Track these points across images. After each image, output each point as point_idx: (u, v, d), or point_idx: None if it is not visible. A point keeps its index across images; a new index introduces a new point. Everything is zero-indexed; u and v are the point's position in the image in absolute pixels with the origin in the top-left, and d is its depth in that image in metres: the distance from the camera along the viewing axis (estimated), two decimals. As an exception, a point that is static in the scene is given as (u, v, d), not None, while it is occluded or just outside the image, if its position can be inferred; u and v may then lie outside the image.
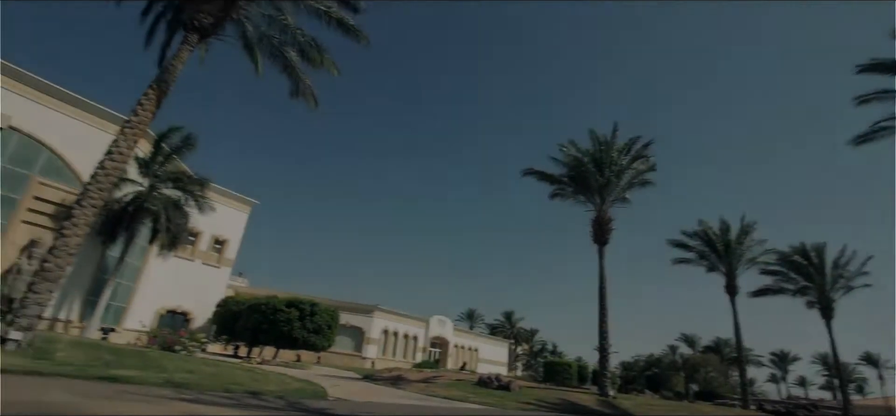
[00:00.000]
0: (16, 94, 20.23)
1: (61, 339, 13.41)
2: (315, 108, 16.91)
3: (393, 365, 36.41)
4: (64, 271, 11.08)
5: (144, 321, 26.18)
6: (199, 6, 13.28)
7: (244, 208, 34.16)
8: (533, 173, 26.83)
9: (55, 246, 11.03)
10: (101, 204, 11.92)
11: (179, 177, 23.82)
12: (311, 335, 26.56)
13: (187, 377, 11.50)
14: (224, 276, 32.17)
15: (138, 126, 12.33)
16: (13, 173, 19.95)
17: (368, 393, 16.30)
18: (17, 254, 19.14)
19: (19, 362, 8.79)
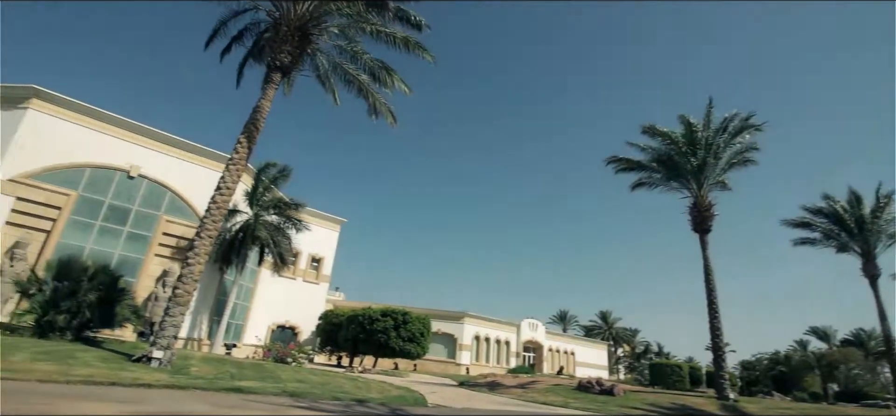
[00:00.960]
0: (142, 146, 23.63)
1: (194, 356, 15.07)
2: (394, 125, 17.46)
3: (487, 371, 36.17)
4: (191, 295, 12.43)
5: (259, 336, 28.89)
6: (280, 46, 14.31)
7: (335, 226, 36.36)
8: (616, 162, 25.03)
9: (183, 274, 12.41)
10: (215, 234, 13.24)
11: (278, 204, 25.99)
12: (406, 344, 27.38)
13: (299, 386, 12.23)
14: (323, 291, 34.49)
15: (239, 162, 13.58)
16: (145, 215, 23.19)
17: (466, 399, 16.18)
18: (153, 283, 22.15)
19: (162, 377, 9.95)
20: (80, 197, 21.47)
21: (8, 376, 7.75)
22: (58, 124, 21.60)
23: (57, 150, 21.27)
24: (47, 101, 21.51)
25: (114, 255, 21.21)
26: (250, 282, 28.29)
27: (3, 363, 8.40)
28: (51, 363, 9.00)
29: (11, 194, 19.87)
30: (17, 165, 20.20)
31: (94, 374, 8.87)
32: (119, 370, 9.68)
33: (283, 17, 14.56)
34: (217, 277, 25.34)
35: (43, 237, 20.17)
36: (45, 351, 10.01)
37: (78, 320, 12.97)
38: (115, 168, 22.65)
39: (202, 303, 24.02)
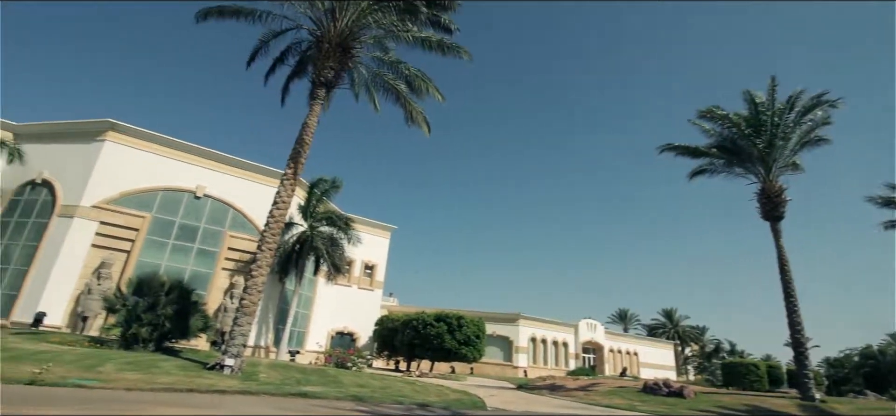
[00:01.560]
0: (206, 168, 25.25)
1: (261, 362, 15.75)
2: (429, 134, 17.62)
3: (545, 373, 35.38)
4: (256, 305, 13.00)
5: (320, 342, 29.92)
6: (323, 63, 14.74)
7: (385, 233, 37.05)
8: (672, 149, 23.64)
9: (248, 286, 13.01)
10: (275, 247, 13.79)
11: (331, 216, 26.84)
12: (461, 347, 27.36)
13: (361, 390, 12.43)
14: (377, 297, 35.20)
15: (292, 178, 14.09)
16: (211, 231, 24.68)
17: (526, 403, 15.82)
18: (221, 296, 23.50)
19: (234, 383, 10.43)
20: (155, 218, 23.20)
21: (100, 385, 8.40)
22: (131, 153, 23.51)
23: (132, 176, 23.15)
24: (121, 132, 23.49)
25: (186, 270, 22.72)
26: (309, 291, 29.36)
27: (95, 373, 9.12)
28: (136, 372, 9.68)
29: (96, 219, 21.81)
30: (98, 193, 22.16)
31: (175, 382, 9.44)
32: (196, 377, 10.24)
33: (325, 34, 14.92)
34: (278, 287, 26.49)
35: (124, 257, 21.95)
36: (130, 361, 10.80)
37: (158, 332, 13.94)
38: (183, 190, 24.33)
39: (266, 312, 25.21)
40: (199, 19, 14.92)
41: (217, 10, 14.78)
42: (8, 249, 21.58)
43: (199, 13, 14.80)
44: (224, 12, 14.84)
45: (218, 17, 14.91)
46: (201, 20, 14.93)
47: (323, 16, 15.01)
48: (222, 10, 14.80)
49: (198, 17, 14.89)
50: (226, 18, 15.01)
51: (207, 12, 14.77)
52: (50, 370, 8.43)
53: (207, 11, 14.76)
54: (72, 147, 23.32)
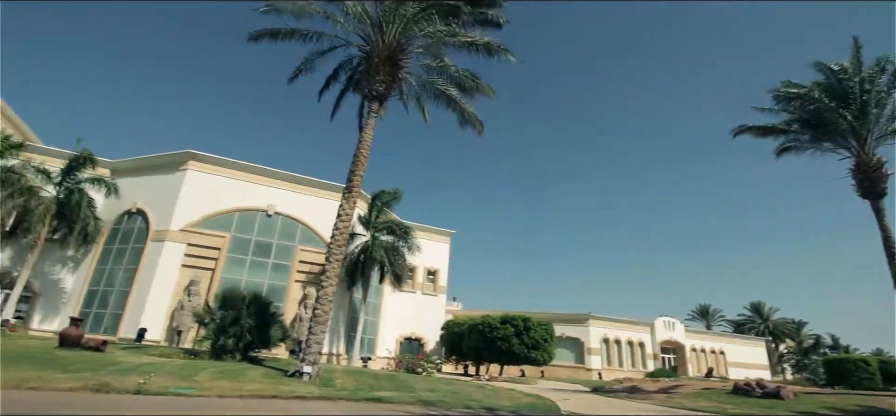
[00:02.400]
0: (275, 188, 26.88)
1: (336, 369, 16.34)
2: (482, 132, 17.41)
3: (622, 376, 33.69)
4: (328, 314, 13.47)
5: (390, 349, 30.64)
6: (374, 77, 15.06)
7: (444, 238, 37.27)
8: (748, 131, 21.70)
9: (319, 296, 13.53)
10: (341, 258, 14.26)
11: (390, 225, 27.46)
12: (530, 351, 26.83)
13: (432, 395, 12.47)
14: (441, 302, 35.43)
15: (353, 191, 14.48)
16: (283, 246, 26.15)
17: (603, 406, 15.09)
18: (296, 306, 24.78)
19: (313, 389, 10.85)
20: (233, 237, 25.00)
21: (196, 393, 9.07)
22: (209, 178, 25.55)
23: (212, 200, 25.12)
24: (200, 160, 25.62)
25: (263, 284, 24.23)
26: (376, 299, 30.19)
27: (191, 382, 9.86)
28: (226, 380, 10.36)
29: (183, 242, 23.88)
30: (184, 217, 24.26)
31: (260, 389, 9.99)
32: (278, 384, 10.78)
33: (374, 49, 15.19)
34: (347, 296, 27.48)
35: (210, 274, 23.83)
36: (220, 370, 11.60)
37: (243, 343, 14.90)
38: (256, 209, 26.04)
39: (337, 321, 26.23)
40: (252, 39, 15.44)
41: (270, 32, 15.35)
42: (112, 273, 24.18)
43: (253, 34, 15.34)
44: (277, 34, 15.37)
45: (270, 39, 15.44)
46: (254, 41, 15.46)
47: (371, 31, 15.27)
48: (275, 32, 15.35)
49: (251, 37, 15.42)
50: (279, 40, 15.47)
51: (261, 34, 15.35)
52: (152, 380, 9.23)
53: (261, 33, 15.34)
54: (159, 178, 25.76)
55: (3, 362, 9.62)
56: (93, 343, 14.18)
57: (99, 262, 24.70)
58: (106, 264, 24.58)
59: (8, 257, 23.66)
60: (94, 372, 9.53)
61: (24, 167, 22.12)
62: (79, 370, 9.66)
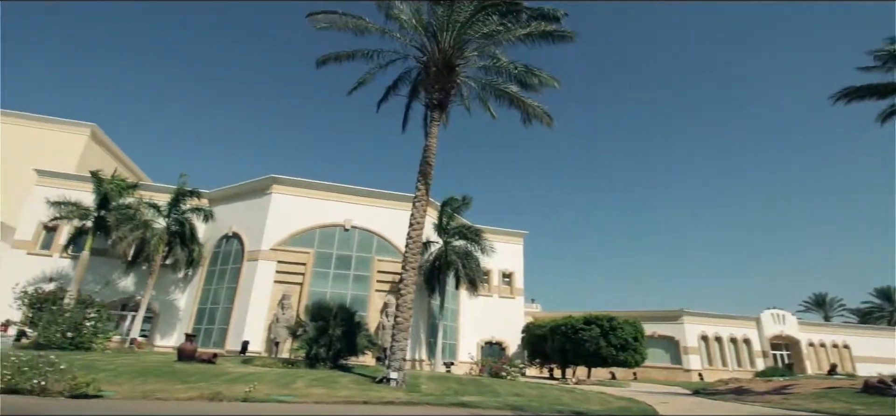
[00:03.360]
0: (350, 203, 28.16)
1: (421, 375, 16.58)
2: (551, 125, 16.76)
3: (727, 376, 30.72)
4: (409, 321, 13.72)
5: (472, 353, 30.64)
6: (433, 85, 15.28)
7: (517, 239, 36.60)
8: (850, 95, 18.91)
9: (399, 304, 13.85)
10: (417, 265, 14.44)
11: (463, 231, 27.51)
12: (618, 351, 25.43)
13: (518, 399, 12.14)
14: (519, 305, 34.76)
15: (422, 199, 14.67)
16: (362, 258, 27.26)
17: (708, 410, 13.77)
18: (378, 315, 25.62)
19: (400, 395, 11.05)
20: (316, 253, 26.54)
21: (295, 399, 9.62)
22: (292, 200, 27.38)
23: (295, 219, 26.88)
24: (283, 184, 27.59)
25: (347, 295, 25.38)
26: (453, 304, 30.39)
27: (290, 389, 10.48)
28: (320, 387, 10.89)
29: (274, 260, 25.78)
30: (273, 237, 26.20)
31: (352, 395, 10.36)
32: (368, 390, 11.13)
33: (430, 57, 15.35)
34: (425, 302, 27.95)
35: (299, 288, 25.46)
36: (315, 378, 12.23)
37: (332, 351, 15.68)
38: (334, 225, 27.46)
39: (418, 327, 26.75)
40: (320, 65, 16.28)
41: (335, 56, 16.14)
42: (216, 292, 26.74)
43: (320, 60, 16.17)
44: (340, 56, 16.12)
45: (335, 62, 16.22)
46: (321, 66, 16.30)
47: (426, 41, 15.44)
48: (339, 55, 16.10)
49: (318, 63, 16.26)
50: (342, 61, 16.20)
51: (326, 58, 16.14)
52: (257, 388, 9.95)
53: (326, 58, 16.14)
54: (248, 203, 28.13)
55: (133, 375, 10.92)
56: (205, 356, 15.65)
57: (205, 282, 27.47)
58: (211, 284, 27.26)
59: (132, 282, 27.12)
60: (208, 382, 10.47)
61: (139, 203, 25.23)
62: (195, 380, 10.67)
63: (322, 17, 15.24)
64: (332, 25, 15.33)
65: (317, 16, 15.25)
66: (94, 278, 25.35)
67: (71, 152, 33.91)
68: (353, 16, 15.14)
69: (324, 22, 15.32)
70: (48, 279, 25.17)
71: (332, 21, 15.26)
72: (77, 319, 16.76)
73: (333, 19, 15.22)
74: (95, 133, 35.97)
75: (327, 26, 15.39)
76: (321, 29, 15.41)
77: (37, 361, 8.54)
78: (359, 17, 15.17)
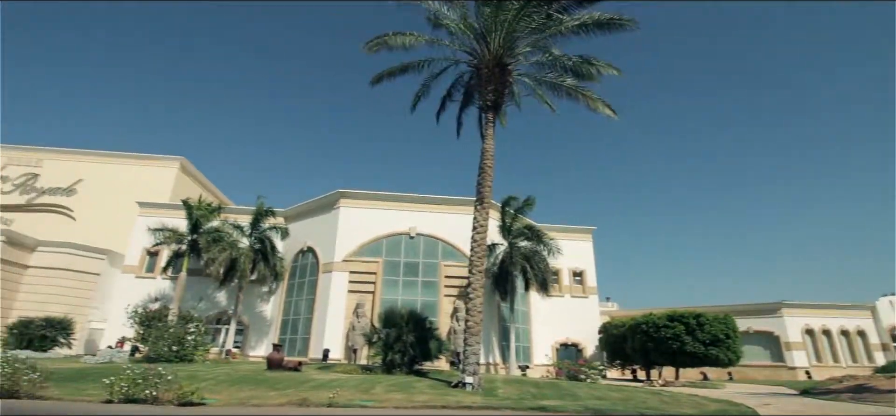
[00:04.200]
0: (413, 211, 28.72)
1: (496, 378, 16.39)
2: (615, 116, 15.92)
3: (841, 373, 27.27)
4: (480, 325, 13.61)
5: (547, 355, 29.88)
6: (485, 88, 15.21)
7: (586, 236, 35.19)
8: None
9: (468, 308, 13.81)
10: (483, 269, 14.33)
11: (527, 231, 26.96)
12: (708, 349, 23.52)
13: (600, 403, 11.59)
14: (593, 304, 33.32)
15: (484, 201, 14.61)
16: (429, 264, 27.63)
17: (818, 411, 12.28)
18: (448, 319, 25.76)
19: (477, 399, 10.95)
20: (385, 261, 27.29)
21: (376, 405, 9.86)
22: (359, 212, 28.43)
23: (363, 230, 27.87)
24: (349, 197, 28.75)
25: (417, 301, 25.79)
26: (524, 306, 29.83)
27: (370, 395, 10.77)
28: (398, 392, 11.10)
29: (346, 270, 26.87)
30: (344, 249, 27.33)
31: (429, 400, 10.44)
32: (445, 394, 11.15)
33: (481, 60, 15.35)
34: (495, 306, 27.70)
35: (371, 297, 26.32)
36: (392, 383, 12.50)
37: (407, 357, 15.96)
38: (400, 233, 28.11)
39: (489, 331, 26.53)
40: (373, 83, 16.84)
41: (388, 72, 16.60)
42: (297, 303, 28.36)
43: (374, 78, 16.71)
44: (393, 72, 16.60)
45: (388, 78, 16.72)
46: (375, 84, 16.85)
47: (476, 44, 15.48)
48: (391, 71, 16.56)
49: (372, 82, 16.81)
50: (395, 77, 16.68)
51: (380, 76, 16.65)
52: (340, 394, 10.33)
53: (380, 75, 16.64)
54: (319, 218, 29.61)
55: (231, 383, 11.80)
56: (291, 364, 16.60)
57: (286, 295, 29.26)
58: (291, 296, 28.99)
59: (224, 298, 29.54)
60: (296, 389, 11.06)
61: (224, 226, 27.57)
62: (284, 387, 11.32)
63: (374, 42, 15.75)
64: (383, 47, 15.79)
65: (371, 43, 15.77)
66: (192, 296, 27.97)
67: (164, 184, 38.01)
68: (402, 34, 15.50)
69: (376, 46, 15.82)
70: (153, 299, 28.12)
71: (384, 43, 15.70)
72: (180, 334, 18.50)
73: (385, 41, 15.66)
74: (183, 165, 40.03)
75: (378, 47, 15.84)
76: (374, 51, 15.91)
77: (148, 373, 9.47)
78: (409, 33, 15.53)
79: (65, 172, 38.24)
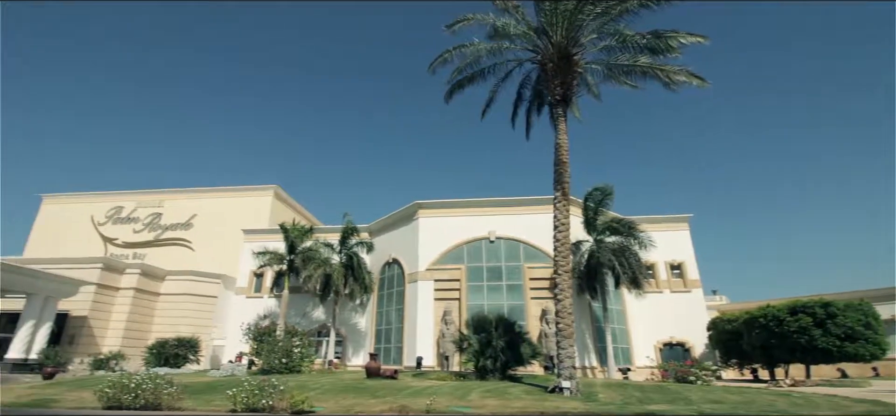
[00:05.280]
0: (491, 215, 28.59)
1: (595, 382, 15.63)
2: (706, 85, 14.50)
3: None
4: (571, 327, 13.06)
5: (650, 356, 27.93)
6: (552, 83, 14.84)
7: (681, 225, 32.43)
8: None
9: (558, 310, 13.33)
10: (569, 268, 13.80)
11: (613, 225, 25.45)
12: (843, 343, 20.40)
13: (716, 407, 10.59)
14: (697, 298, 30.43)
15: (563, 199, 14.12)
16: (511, 267, 27.20)
17: None
18: (537, 323, 25.08)
19: (577, 405, 10.48)
20: (468, 267, 27.41)
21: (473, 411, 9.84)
22: (437, 221, 28.93)
23: (443, 238, 28.30)
24: (427, 208, 29.38)
25: (503, 306, 25.49)
26: (617, 305, 28.19)
27: (466, 401, 10.77)
28: (494, 399, 10.99)
29: (430, 279, 27.42)
30: (427, 258, 27.94)
31: (526, 406, 10.19)
32: (541, 400, 10.82)
33: (545, 55, 15.04)
34: (586, 306, 26.55)
35: (457, 303, 26.55)
36: (487, 390, 12.43)
37: (499, 363, 15.81)
38: (480, 239, 28.10)
39: (582, 333, 25.44)
40: (447, 99, 17.25)
41: (458, 84, 16.84)
42: (387, 314, 29.52)
43: (447, 93, 17.10)
44: (462, 84, 16.83)
45: (458, 90, 16.98)
46: (449, 99, 17.23)
47: (538, 41, 15.27)
48: (461, 83, 16.79)
49: (446, 97, 17.20)
50: (464, 88, 16.93)
51: (452, 90, 16.96)
52: (436, 400, 10.48)
53: (452, 89, 16.95)
54: (401, 230, 30.67)
55: (335, 392, 12.52)
56: (388, 373, 17.25)
57: (377, 306, 30.62)
58: (382, 307, 30.26)
59: (322, 312, 31.62)
60: (394, 396, 11.43)
61: (316, 245, 29.58)
62: (383, 395, 11.75)
63: (439, 60, 16.16)
64: (443, 61, 16.14)
65: (434, 63, 16.24)
66: (295, 312, 30.30)
67: (262, 211, 41.96)
68: (463, 46, 15.74)
69: (440, 62, 16.17)
70: (263, 316, 30.86)
71: (444, 60, 16.07)
72: (287, 347, 20.08)
73: (444, 58, 16.03)
74: (277, 192, 43.91)
75: (441, 62, 16.21)
76: (439, 66, 16.36)
77: (264, 385, 10.35)
78: (469, 44, 15.74)
79: (182, 209, 43.72)
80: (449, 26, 15.48)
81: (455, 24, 15.43)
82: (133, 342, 30.32)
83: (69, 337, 28.73)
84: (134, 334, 31.09)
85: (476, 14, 15.48)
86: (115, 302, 31.18)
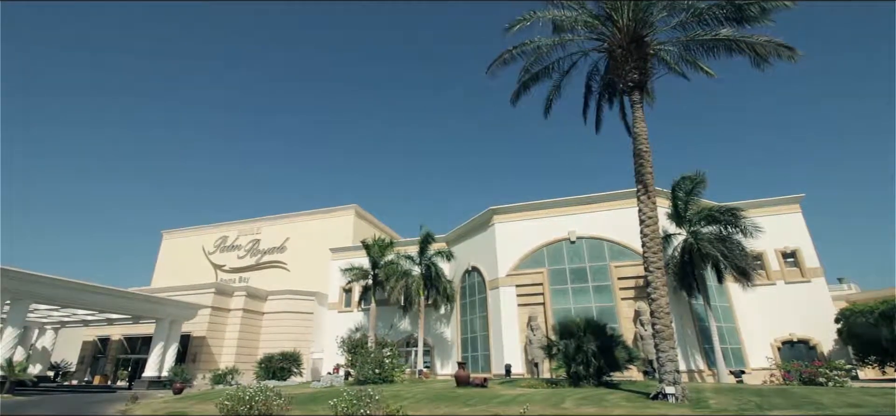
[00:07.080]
0: (569, 215, 27.53)
1: (704, 387, 14.30)
2: (800, 54, 12.65)
3: None
4: (670, 328, 12.04)
5: (769, 357, 25.02)
6: (623, 68, 13.97)
7: (792, 207, 28.72)
8: None
9: (653, 310, 12.39)
10: (661, 264, 12.75)
11: (710, 213, 23.16)
12: None
13: (854, 411, 9.24)
14: (819, 288, 26.57)
15: (645, 191, 13.23)
16: (596, 267, 25.87)
17: None
18: (630, 324, 23.52)
19: (685, 412, 9.62)
20: (550, 270, 26.59)
21: (569, 419, 9.48)
22: (513, 225, 28.51)
23: (521, 242, 27.78)
24: (501, 213, 29.05)
25: (591, 308, 24.38)
26: (722, 301, 25.59)
27: (562, 409, 10.40)
28: (591, 406, 10.48)
29: (512, 284, 26.98)
30: (506, 264, 27.57)
31: (627, 414, 9.59)
32: (644, 408, 10.11)
33: (613, 42, 14.29)
34: (685, 304, 24.50)
35: (542, 308, 25.85)
36: (582, 397, 11.90)
37: (593, 368, 15.06)
38: (559, 240, 27.15)
39: (683, 333, 23.40)
40: (514, 101, 16.90)
41: (523, 85, 16.45)
42: (472, 322, 29.58)
43: (513, 95, 16.77)
44: (527, 84, 16.43)
45: (524, 91, 16.59)
46: (515, 101, 16.88)
47: (603, 28, 14.58)
48: (526, 83, 16.39)
49: (512, 100, 16.88)
50: (529, 88, 16.49)
51: (519, 92, 16.62)
52: (529, 409, 10.23)
53: (519, 92, 16.61)
54: (477, 237, 30.66)
55: (428, 400, 12.77)
56: (477, 381, 17.21)
57: (461, 315, 30.84)
58: (466, 315, 30.42)
59: (408, 323, 32.56)
60: (486, 405, 11.38)
61: (397, 258, 30.59)
62: (475, 403, 11.75)
63: (498, 61, 15.93)
64: (508, 61, 15.86)
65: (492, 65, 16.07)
66: (383, 324, 31.55)
67: (345, 229, 44.72)
68: (524, 43, 15.41)
69: (500, 63, 15.94)
70: (354, 330, 32.52)
71: (503, 61, 15.81)
72: (379, 357, 20.91)
73: (504, 60, 15.77)
74: (357, 210, 46.50)
75: (506, 62, 15.91)
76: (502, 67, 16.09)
77: (361, 394, 10.85)
78: (529, 42, 15.39)
79: (276, 234, 47.84)
80: (508, 28, 15.25)
81: (514, 25, 15.17)
82: (244, 358, 33.56)
83: (192, 356, 32.59)
84: (244, 350, 34.40)
85: (535, 12, 15.13)
86: (227, 322, 34.80)
